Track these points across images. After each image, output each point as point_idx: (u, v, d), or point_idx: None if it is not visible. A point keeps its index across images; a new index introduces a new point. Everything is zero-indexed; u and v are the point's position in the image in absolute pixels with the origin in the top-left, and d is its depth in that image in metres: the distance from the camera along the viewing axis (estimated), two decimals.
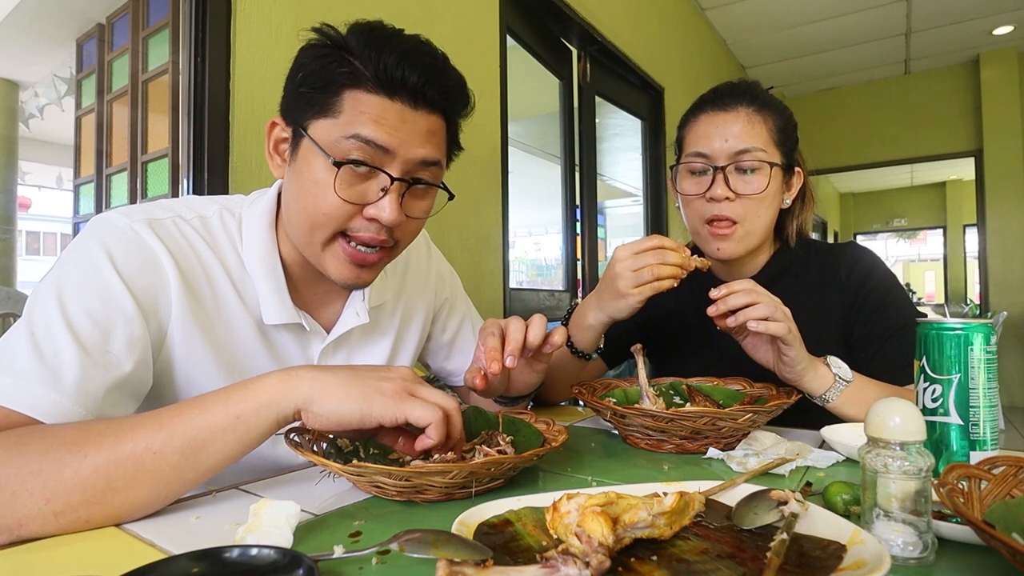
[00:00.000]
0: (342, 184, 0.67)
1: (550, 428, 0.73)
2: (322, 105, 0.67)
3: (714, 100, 1.02)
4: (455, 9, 2.06)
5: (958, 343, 0.61)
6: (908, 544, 0.44)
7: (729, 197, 0.98)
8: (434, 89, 0.68)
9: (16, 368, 0.58)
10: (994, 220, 5.49)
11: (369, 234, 0.70)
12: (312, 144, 0.68)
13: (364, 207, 0.69)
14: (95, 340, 0.62)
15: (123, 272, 0.65)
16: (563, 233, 3.00)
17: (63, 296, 0.62)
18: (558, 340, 0.80)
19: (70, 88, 1.83)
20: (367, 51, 0.66)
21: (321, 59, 0.68)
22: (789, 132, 1.03)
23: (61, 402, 0.58)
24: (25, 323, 0.61)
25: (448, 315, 1.03)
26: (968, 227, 10.00)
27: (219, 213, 0.77)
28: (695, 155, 1.01)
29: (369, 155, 0.67)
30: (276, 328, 0.78)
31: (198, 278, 0.72)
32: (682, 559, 0.44)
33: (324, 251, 0.72)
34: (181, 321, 0.70)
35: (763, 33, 4.89)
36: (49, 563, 0.46)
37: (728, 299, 0.82)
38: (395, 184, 0.68)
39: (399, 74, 0.66)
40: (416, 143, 0.69)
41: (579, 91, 3.02)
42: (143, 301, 0.66)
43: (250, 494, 0.62)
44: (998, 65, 5.49)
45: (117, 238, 0.67)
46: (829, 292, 1.05)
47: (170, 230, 0.71)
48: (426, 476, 0.55)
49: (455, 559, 0.38)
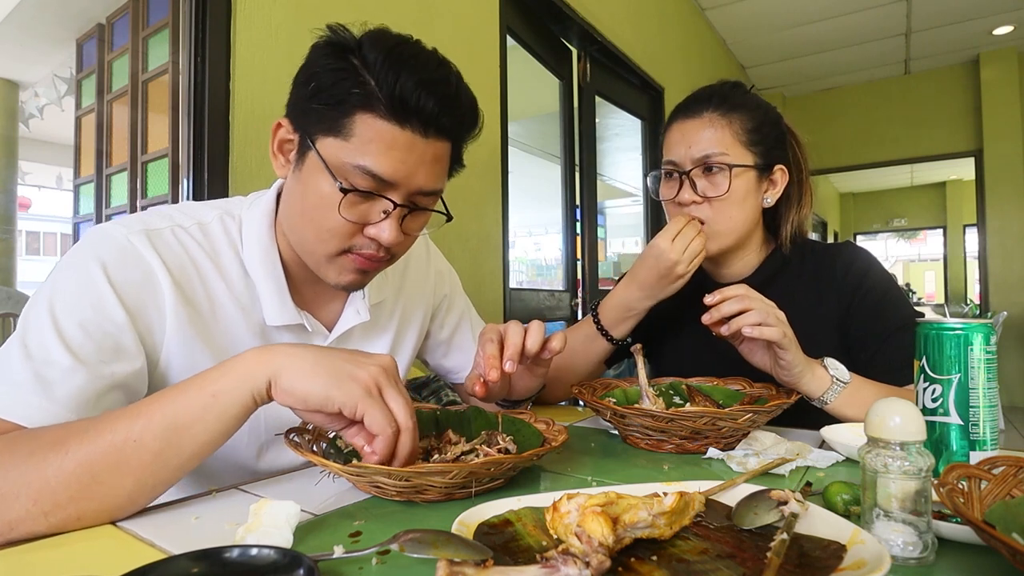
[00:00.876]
0: (346, 206, 0.68)
1: (550, 428, 0.73)
2: (332, 123, 0.67)
3: (684, 108, 1.07)
4: (455, 9, 2.06)
5: (958, 343, 0.61)
6: (908, 544, 0.44)
7: (696, 200, 1.02)
8: (447, 117, 0.69)
9: (9, 378, 0.58)
10: (994, 220, 5.49)
11: (370, 251, 0.72)
12: (319, 161, 0.68)
13: (365, 226, 0.71)
14: (87, 351, 0.62)
15: (116, 284, 0.65)
16: (563, 233, 3.00)
17: (55, 307, 0.63)
18: (556, 346, 0.81)
19: (70, 88, 1.84)
20: (384, 72, 0.65)
21: (335, 73, 0.67)
22: (764, 131, 1.03)
23: (53, 411, 0.58)
24: (19, 334, 0.61)
25: (446, 312, 1.04)
26: (968, 227, 10.00)
27: (219, 217, 0.77)
28: (667, 162, 1.07)
29: (374, 186, 0.68)
30: (278, 329, 0.78)
31: (195, 287, 0.72)
32: (682, 559, 0.44)
33: (329, 262, 0.73)
34: (178, 331, 0.70)
35: (763, 33, 4.89)
36: (48, 563, 0.46)
37: (721, 307, 0.83)
38: (396, 209, 0.70)
39: (414, 101, 0.66)
40: (421, 173, 0.69)
41: (579, 91, 3.02)
42: (137, 314, 0.67)
43: (250, 494, 0.62)
44: (998, 65, 5.49)
45: (112, 249, 0.67)
46: (825, 292, 1.05)
47: (167, 240, 0.72)
48: (426, 476, 0.55)
49: (455, 559, 0.38)
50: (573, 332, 1.10)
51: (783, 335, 0.81)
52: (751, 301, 0.82)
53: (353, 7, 1.66)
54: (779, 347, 0.82)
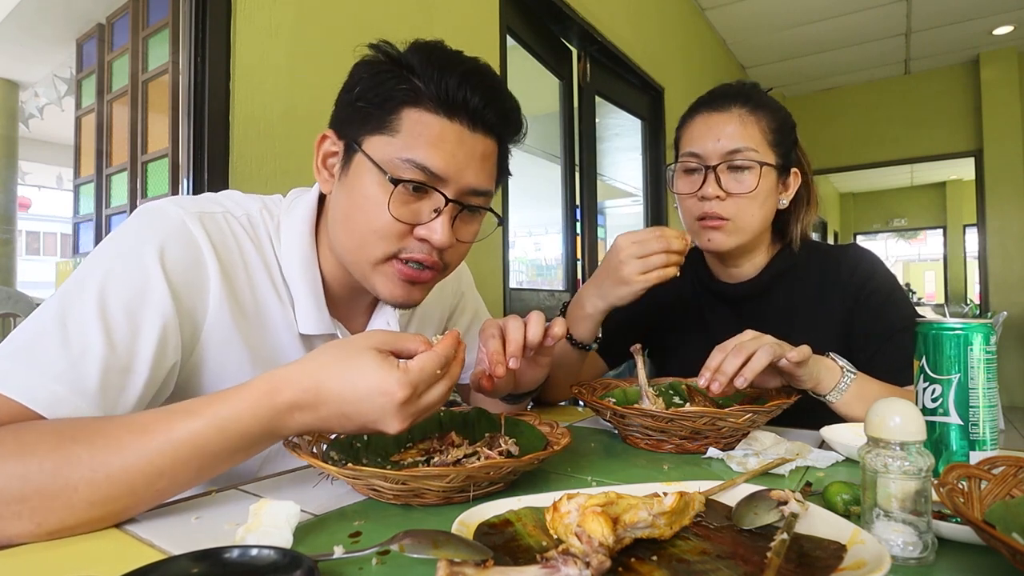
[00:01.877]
0: (396, 202, 0.67)
1: (553, 431, 0.72)
2: (379, 121, 0.67)
3: (709, 101, 1.05)
4: (455, 9, 2.06)
5: (958, 343, 0.61)
6: (908, 544, 0.44)
7: (720, 196, 1.00)
8: (493, 112, 0.69)
9: (42, 362, 0.56)
10: (994, 220, 5.49)
11: (422, 254, 0.70)
12: (366, 159, 0.67)
13: (415, 227, 0.69)
14: (126, 341, 0.60)
15: (168, 270, 0.64)
16: (563, 233, 3.00)
17: (105, 288, 0.60)
18: (559, 331, 0.78)
19: (70, 88, 1.83)
20: (429, 70, 0.66)
21: (379, 75, 0.67)
22: (785, 133, 1.04)
23: (79, 406, 0.56)
24: (58, 307, 0.59)
25: (460, 312, 1.04)
26: (968, 227, 10.00)
27: (260, 212, 0.76)
28: (689, 155, 1.04)
29: (425, 178, 0.67)
30: (309, 338, 0.77)
31: (240, 280, 0.71)
32: (682, 559, 0.44)
33: (375, 270, 0.71)
34: (218, 322, 0.68)
35: (763, 33, 4.88)
36: (48, 563, 0.46)
37: (723, 368, 0.77)
38: (448, 206, 0.69)
39: (461, 95, 0.66)
40: (471, 169, 0.69)
41: (579, 91, 3.02)
42: (183, 301, 0.65)
43: (250, 494, 0.62)
44: (998, 65, 5.48)
45: (169, 231, 0.65)
46: (830, 293, 1.05)
47: (220, 226, 0.70)
48: (423, 480, 0.55)
49: (455, 559, 0.38)
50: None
51: (774, 353, 0.78)
52: (735, 350, 0.78)
53: (354, 8, 1.66)
54: (786, 366, 0.79)
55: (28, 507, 0.48)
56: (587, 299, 0.96)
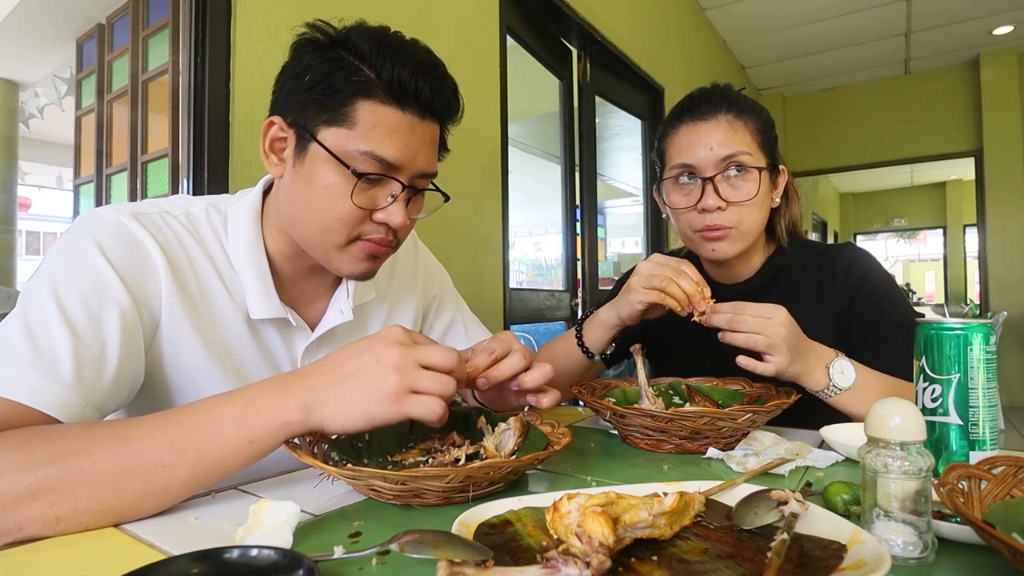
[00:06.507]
0: (357, 192, 0.70)
1: (555, 430, 0.72)
2: (333, 113, 0.68)
3: (692, 109, 1.02)
4: (455, 9, 2.06)
5: (958, 343, 0.61)
6: (908, 544, 0.44)
7: (721, 207, 0.98)
8: (440, 100, 0.72)
9: (14, 360, 0.58)
10: (994, 220, 5.49)
11: (380, 235, 0.74)
12: (323, 151, 0.69)
13: (373, 212, 0.73)
14: (91, 331, 0.62)
15: (115, 263, 0.66)
16: (563, 233, 2.99)
17: (57, 287, 0.63)
18: (546, 403, 0.72)
19: (70, 88, 1.83)
20: (381, 60, 0.67)
21: (329, 64, 0.68)
22: (769, 132, 1.03)
23: (60, 392, 0.58)
24: (19, 316, 0.61)
25: (437, 313, 1.03)
26: (968, 227, 10.00)
27: (205, 209, 0.78)
28: (680, 166, 1.01)
29: (382, 169, 0.70)
30: (262, 322, 0.79)
31: (185, 270, 0.73)
32: (682, 559, 0.44)
33: (339, 252, 0.74)
34: (171, 312, 0.71)
35: (763, 33, 4.88)
36: (49, 563, 0.46)
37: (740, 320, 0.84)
38: (403, 192, 0.72)
39: (412, 85, 0.68)
40: (421, 155, 0.73)
41: (579, 91, 3.02)
42: (135, 291, 0.67)
43: (250, 494, 0.62)
44: (998, 65, 5.48)
45: (107, 230, 0.68)
46: (827, 293, 1.05)
47: (157, 223, 0.72)
48: (422, 480, 0.55)
49: (455, 559, 0.38)
50: (565, 335, 1.10)
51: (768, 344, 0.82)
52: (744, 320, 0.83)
53: (353, 6, 1.66)
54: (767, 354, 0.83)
55: (55, 496, 0.50)
56: (604, 308, 1.00)
